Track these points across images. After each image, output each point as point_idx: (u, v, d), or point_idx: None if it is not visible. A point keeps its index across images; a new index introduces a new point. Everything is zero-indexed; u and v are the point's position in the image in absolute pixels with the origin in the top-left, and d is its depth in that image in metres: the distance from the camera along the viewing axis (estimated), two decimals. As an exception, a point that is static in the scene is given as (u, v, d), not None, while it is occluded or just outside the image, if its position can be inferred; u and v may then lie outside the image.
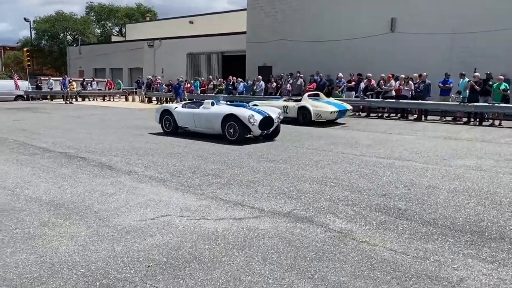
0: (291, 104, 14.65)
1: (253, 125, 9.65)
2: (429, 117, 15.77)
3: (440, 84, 15.47)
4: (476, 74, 14.31)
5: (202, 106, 10.75)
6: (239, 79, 21.34)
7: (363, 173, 6.80)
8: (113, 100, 27.79)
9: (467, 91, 14.58)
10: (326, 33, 21.01)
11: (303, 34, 21.98)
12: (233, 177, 6.43)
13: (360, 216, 4.64)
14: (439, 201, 5.27)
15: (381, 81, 16.70)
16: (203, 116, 10.44)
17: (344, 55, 20.09)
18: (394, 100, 15.98)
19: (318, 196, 5.44)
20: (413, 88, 15.65)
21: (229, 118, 9.82)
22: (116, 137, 10.76)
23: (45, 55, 50.85)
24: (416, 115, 15.89)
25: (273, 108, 10.84)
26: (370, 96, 16.63)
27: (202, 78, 24.21)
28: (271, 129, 10.26)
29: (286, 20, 22.87)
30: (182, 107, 11.31)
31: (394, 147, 9.60)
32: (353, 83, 17.59)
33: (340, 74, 17.90)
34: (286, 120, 14.78)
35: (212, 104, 10.60)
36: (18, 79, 27.97)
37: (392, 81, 16.36)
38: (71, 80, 28.09)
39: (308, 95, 14.81)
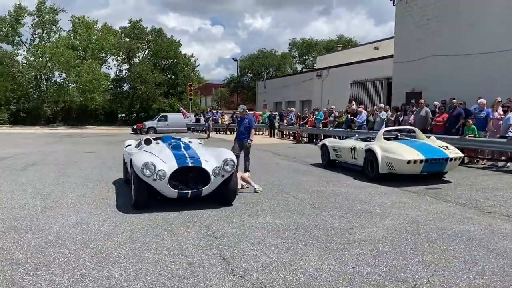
0: (358, 145, 9.47)
1: (154, 180, 5.81)
2: None
3: None
4: None
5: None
6: (359, 109, 16.31)
7: None
8: (259, 134, 26.06)
9: None
10: (494, 43, 14.05)
11: (464, 46, 15.39)
12: None
13: None
14: None
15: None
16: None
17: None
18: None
19: None
20: None
21: (132, 167, 6.24)
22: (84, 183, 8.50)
23: (247, 91, 54.52)
24: None
25: (224, 152, 6.47)
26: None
27: (332, 107, 19.79)
28: (205, 189, 6.04)
29: (441, 29, 16.61)
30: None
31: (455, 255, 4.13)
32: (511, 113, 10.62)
33: (482, 100, 11.04)
34: (355, 170, 9.74)
35: (147, 142, 7.14)
36: (185, 112, 29.68)
37: None
38: (223, 114, 28.09)
39: (386, 132, 9.37)
